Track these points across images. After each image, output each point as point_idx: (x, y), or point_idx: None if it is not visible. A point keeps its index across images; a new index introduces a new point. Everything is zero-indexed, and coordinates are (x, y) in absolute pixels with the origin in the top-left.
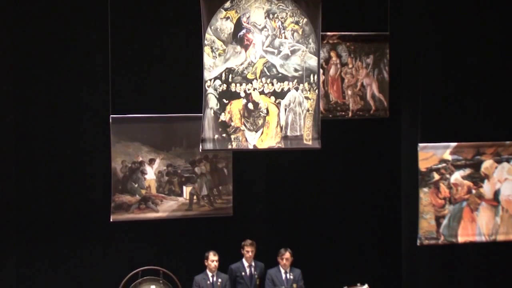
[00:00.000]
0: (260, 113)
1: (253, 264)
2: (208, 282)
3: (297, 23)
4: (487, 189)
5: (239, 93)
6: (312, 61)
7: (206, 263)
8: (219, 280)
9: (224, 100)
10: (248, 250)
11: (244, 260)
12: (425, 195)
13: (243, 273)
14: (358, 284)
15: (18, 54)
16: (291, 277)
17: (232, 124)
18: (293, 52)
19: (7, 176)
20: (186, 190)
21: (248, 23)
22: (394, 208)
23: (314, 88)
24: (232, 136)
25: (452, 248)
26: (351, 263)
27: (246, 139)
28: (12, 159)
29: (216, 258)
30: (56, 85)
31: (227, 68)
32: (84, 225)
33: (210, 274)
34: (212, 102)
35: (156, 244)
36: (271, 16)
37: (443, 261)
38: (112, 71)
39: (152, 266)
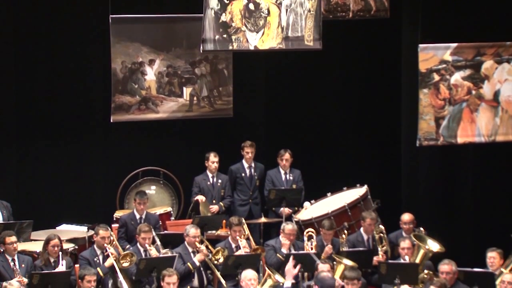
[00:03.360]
0: (261, 13)
1: (253, 165)
2: (208, 183)
3: None
4: (487, 90)
5: None
6: None
7: (206, 164)
8: (219, 181)
9: (225, 0)
10: (248, 151)
11: (244, 161)
12: (424, 96)
13: (243, 174)
14: (358, 185)
15: None
16: (291, 177)
17: (233, 24)
18: None
19: (7, 78)
20: (186, 91)
21: None
22: (393, 109)
23: None
24: (233, 37)
25: (451, 149)
26: (351, 164)
27: (246, 39)
28: (12, 61)
29: (216, 159)
30: None
31: None
32: (85, 126)
33: (210, 175)
34: (213, 2)
35: (156, 145)
36: None
37: (442, 162)
38: None
39: (152, 167)
